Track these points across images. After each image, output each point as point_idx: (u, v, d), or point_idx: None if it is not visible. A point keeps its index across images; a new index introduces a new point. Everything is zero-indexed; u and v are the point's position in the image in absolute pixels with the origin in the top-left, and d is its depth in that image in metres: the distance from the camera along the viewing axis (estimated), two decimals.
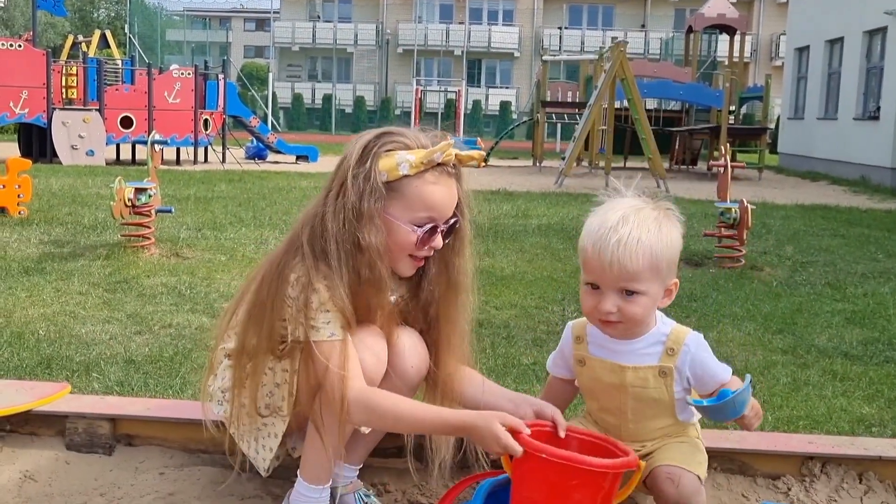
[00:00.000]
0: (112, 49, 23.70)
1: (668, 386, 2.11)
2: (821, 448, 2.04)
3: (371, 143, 2.12)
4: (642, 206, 2.10)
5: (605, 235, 2.02)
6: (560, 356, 2.33)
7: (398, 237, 2.13)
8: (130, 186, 6.41)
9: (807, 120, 23.62)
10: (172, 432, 2.47)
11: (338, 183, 2.12)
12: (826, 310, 5.51)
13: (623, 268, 2.00)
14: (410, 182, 2.10)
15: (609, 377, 2.15)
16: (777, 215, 11.02)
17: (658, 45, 45.90)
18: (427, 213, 2.13)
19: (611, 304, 2.03)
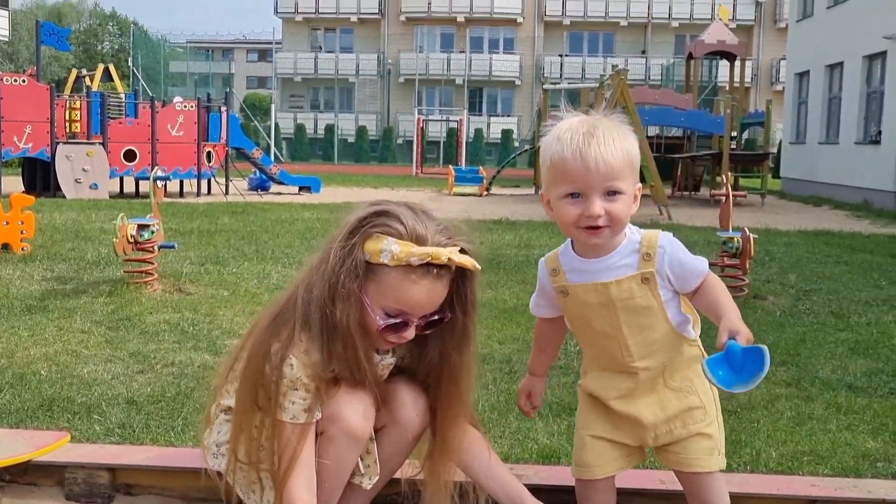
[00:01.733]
0: (115, 82, 23.86)
1: (653, 291, 2.15)
2: (824, 491, 2.04)
3: (364, 220, 2.08)
4: (598, 117, 2.16)
5: (581, 140, 2.06)
6: (541, 295, 2.36)
7: (366, 320, 2.09)
8: (133, 223, 6.43)
9: (808, 144, 23.67)
10: (172, 481, 2.46)
11: (325, 250, 2.11)
12: (830, 340, 5.48)
13: (608, 165, 2.05)
14: (390, 272, 2.04)
15: (595, 298, 2.17)
16: (780, 242, 11.01)
17: (659, 70, 46.10)
18: (397, 306, 2.08)
19: (598, 206, 2.07)
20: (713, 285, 2.17)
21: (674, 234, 2.22)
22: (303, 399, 2.09)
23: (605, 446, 2.28)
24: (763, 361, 1.92)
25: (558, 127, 2.14)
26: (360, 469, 2.25)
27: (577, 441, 2.36)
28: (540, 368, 2.52)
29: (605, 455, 2.27)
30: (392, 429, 2.30)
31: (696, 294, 2.18)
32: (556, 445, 3.38)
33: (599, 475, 2.27)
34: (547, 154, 2.13)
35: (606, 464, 2.28)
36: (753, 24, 47.74)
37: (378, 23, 49.50)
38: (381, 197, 9.01)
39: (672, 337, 2.21)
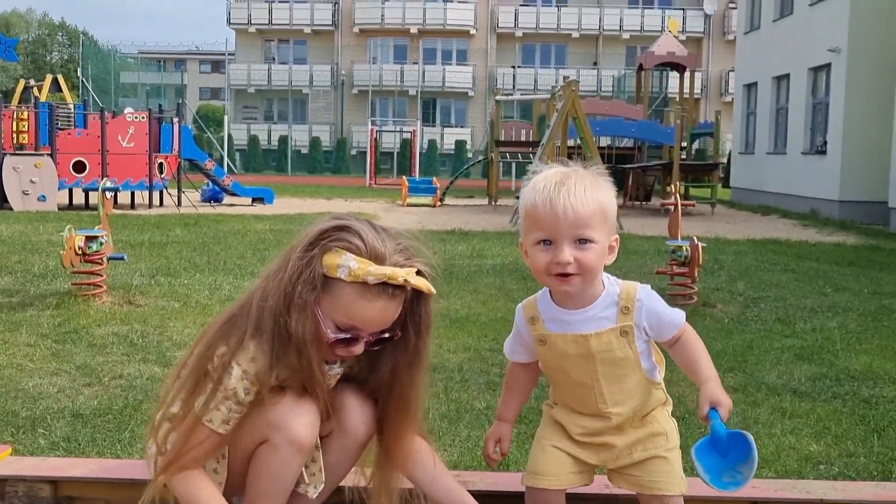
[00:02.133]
0: (64, 93, 23.55)
1: (630, 343, 2.19)
2: (764, 492, 2.08)
3: (325, 233, 2.07)
4: (575, 168, 2.19)
5: (552, 189, 2.10)
6: (517, 341, 2.36)
7: (319, 332, 2.09)
8: (81, 234, 6.35)
9: (757, 155, 24.06)
10: (116, 492, 2.43)
11: (283, 260, 2.10)
12: (776, 346, 5.58)
13: (576, 213, 2.08)
14: (345, 287, 2.04)
15: (574, 349, 2.20)
16: (729, 251, 11.18)
17: (610, 82, 46.57)
18: (349, 321, 2.08)
19: (567, 253, 2.09)
20: (692, 343, 2.22)
21: (626, 243, 2.26)
22: (228, 411, 2.09)
23: (564, 459, 2.29)
24: (749, 450, 2.00)
25: (536, 177, 2.18)
26: (305, 478, 2.24)
27: (535, 449, 2.36)
28: (510, 413, 2.45)
29: (563, 467, 2.28)
30: (338, 436, 2.29)
31: (673, 346, 2.24)
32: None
33: (555, 486, 2.27)
34: (522, 202, 2.17)
35: (563, 476, 2.28)
36: (703, 37, 48.43)
37: (332, 34, 49.42)
38: (335, 208, 8.95)
39: (644, 384, 2.26)
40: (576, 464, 2.29)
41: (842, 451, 3.54)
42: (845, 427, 3.87)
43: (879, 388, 4.59)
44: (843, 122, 18.38)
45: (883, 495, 2.51)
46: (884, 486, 2.62)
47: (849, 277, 8.95)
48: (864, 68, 18.09)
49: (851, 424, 3.92)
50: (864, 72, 18.07)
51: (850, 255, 11.29)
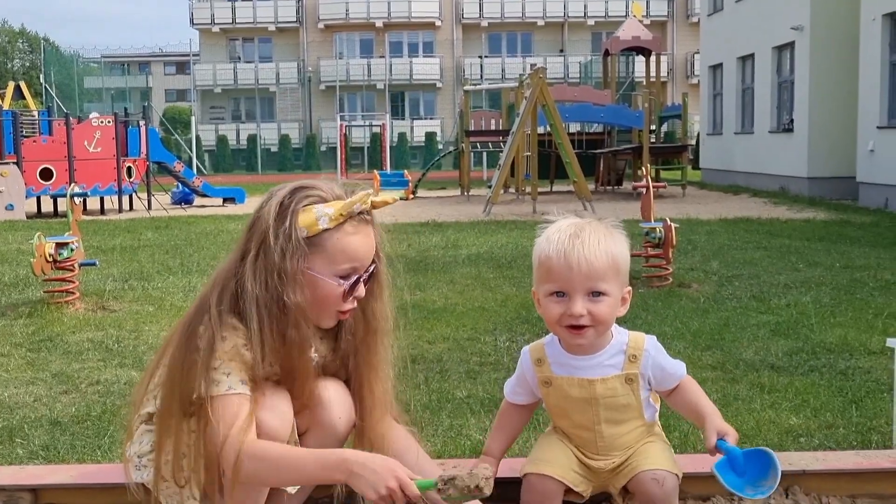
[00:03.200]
0: (28, 100, 23.29)
1: (634, 391, 2.23)
2: None
3: (287, 200, 2.10)
4: (590, 220, 2.22)
5: (566, 241, 2.12)
6: (519, 383, 2.37)
7: (323, 292, 2.11)
8: (51, 242, 6.29)
9: (725, 135, 24.21)
10: (97, 499, 2.40)
11: (256, 243, 2.09)
12: (752, 323, 5.62)
13: (590, 266, 2.10)
14: (331, 235, 2.09)
15: (578, 392, 2.23)
16: (702, 231, 11.24)
17: (577, 68, 46.65)
18: (350, 264, 2.12)
19: (580, 306, 2.12)
20: (692, 388, 2.28)
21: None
22: (239, 370, 2.05)
23: (570, 454, 2.30)
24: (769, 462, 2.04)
25: (549, 228, 2.21)
26: None
27: (541, 440, 2.40)
28: (497, 449, 2.41)
29: (568, 460, 2.29)
30: (316, 432, 2.28)
31: (671, 393, 2.29)
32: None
33: (557, 475, 2.25)
34: (536, 252, 2.20)
35: (566, 468, 2.27)
36: (667, 20, 48.59)
37: (296, 31, 49.13)
38: None
39: (644, 430, 2.31)
40: (579, 465, 2.30)
41: (821, 423, 3.57)
42: (823, 399, 3.90)
43: (855, 359, 4.64)
44: (809, 100, 18.52)
45: (864, 463, 2.54)
46: (864, 455, 2.65)
47: (820, 252, 9.02)
48: (827, 45, 18.22)
49: (829, 396, 3.95)
50: (828, 48, 18.21)
51: (821, 230, 11.40)
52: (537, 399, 2.37)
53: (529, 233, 11.65)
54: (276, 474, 2.03)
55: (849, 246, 9.63)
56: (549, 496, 2.25)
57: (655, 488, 2.18)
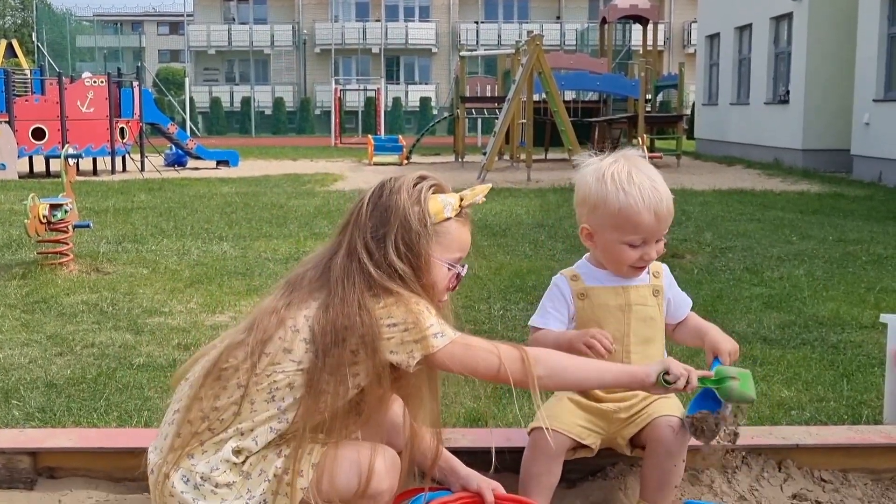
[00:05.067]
0: (20, 58, 23.09)
1: (659, 305, 2.39)
2: (741, 440, 2.12)
3: (418, 186, 2.13)
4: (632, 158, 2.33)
5: (656, 199, 2.25)
6: (554, 303, 2.41)
7: (440, 278, 2.13)
8: (45, 203, 6.27)
9: (720, 106, 24.14)
10: (97, 462, 2.41)
11: (395, 226, 2.09)
12: (745, 295, 5.65)
13: (671, 218, 2.30)
14: (451, 224, 2.13)
15: (615, 300, 2.36)
16: (696, 202, 11.25)
17: (574, 36, 46.38)
18: (459, 254, 2.16)
19: (655, 251, 2.31)
20: (697, 318, 2.49)
21: None
22: (437, 318, 2.04)
23: (577, 411, 2.35)
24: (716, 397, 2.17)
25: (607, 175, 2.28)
26: None
27: (550, 400, 2.43)
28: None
29: (575, 416, 2.34)
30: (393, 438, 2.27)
31: (680, 325, 2.46)
32: (482, 409, 3.41)
33: (563, 429, 2.29)
34: (605, 199, 2.27)
35: (573, 424, 2.32)
36: None
37: None
38: (301, 169, 8.80)
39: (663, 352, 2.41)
40: (587, 419, 2.35)
41: (812, 396, 3.60)
42: (815, 373, 3.94)
43: (847, 333, 4.67)
44: (806, 71, 18.46)
45: (856, 438, 2.56)
46: (856, 430, 2.67)
47: (814, 225, 9.05)
48: (825, 16, 18.13)
49: (821, 370, 3.99)
50: (826, 20, 18.12)
51: (815, 203, 11.42)
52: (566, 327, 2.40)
53: (524, 201, 11.70)
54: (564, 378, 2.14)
55: (842, 219, 9.65)
56: (555, 450, 2.29)
57: (670, 434, 2.25)
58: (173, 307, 5.32)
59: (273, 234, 8.49)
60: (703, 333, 2.38)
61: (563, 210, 10.46)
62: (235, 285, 6.00)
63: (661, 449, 2.26)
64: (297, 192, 12.92)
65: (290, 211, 10.39)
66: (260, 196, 12.29)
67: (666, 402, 2.34)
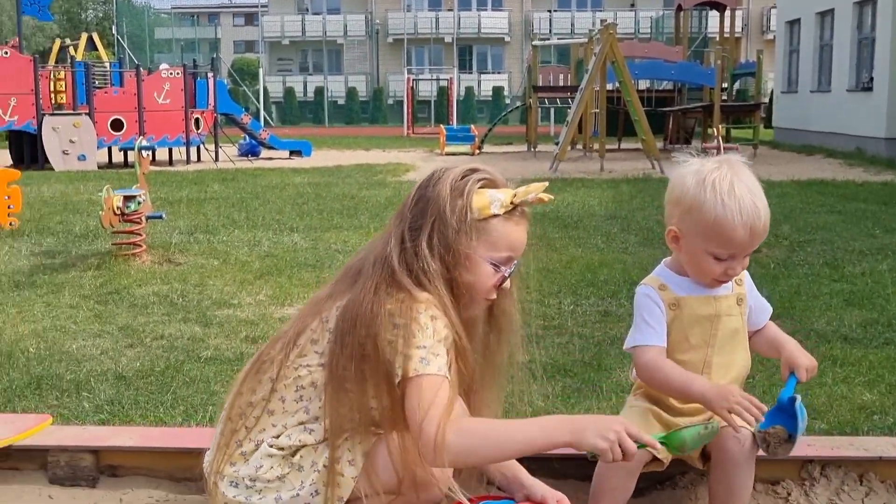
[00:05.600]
0: (100, 51, 23.58)
1: (743, 314, 2.29)
2: (820, 451, 2.01)
3: (461, 181, 2.03)
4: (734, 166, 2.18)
5: (754, 216, 2.11)
6: (654, 316, 2.27)
7: (483, 277, 2.03)
8: (119, 195, 6.36)
9: (800, 93, 23.54)
10: (158, 462, 2.41)
11: (430, 220, 2.00)
12: (825, 291, 5.45)
13: (764, 235, 2.17)
14: (500, 221, 2.02)
15: (705, 309, 2.25)
16: (773, 193, 10.93)
17: (648, 24, 45.71)
18: (508, 253, 2.04)
19: (741, 267, 2.19)
20: (775, 327, 2.36)
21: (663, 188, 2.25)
22: (446, 353, 1.94)
23: (651, 420, 2.24)
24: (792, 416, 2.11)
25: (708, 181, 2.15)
26: None
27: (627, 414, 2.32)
28: None
29: (648, 423, 2.22)
30: None
31: (758, 333, 2.34)
32: (550, 408, 3.34)
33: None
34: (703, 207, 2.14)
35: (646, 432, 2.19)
36: None
37: None
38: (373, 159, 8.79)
39: (745, 367, 2.32)
40: (661, 430, 2.21)
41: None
42: None
43: None
44: (891, 57, 17.85)
45: None
46: None
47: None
48: None
49: None
50: None
51: None
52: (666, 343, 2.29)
53: (597, 192, 11.54)
54: (487, 446, 1.92)
55: None
56: (632, 465, 2.15)
57: (735, 447, 2.14)
58: (242, 299, 5.35)
59: (344, 225, 8.50)
60: (780, 346, 2.27)
61: (636, 201, 10.29)
62: (305, 277, 6.01)
63: (726, 461, 2.16)
64: (369, 183, 12.95)
65: (362, 202, 10.41)
66: (332, 186, 12.34)
67: None
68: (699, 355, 2.26)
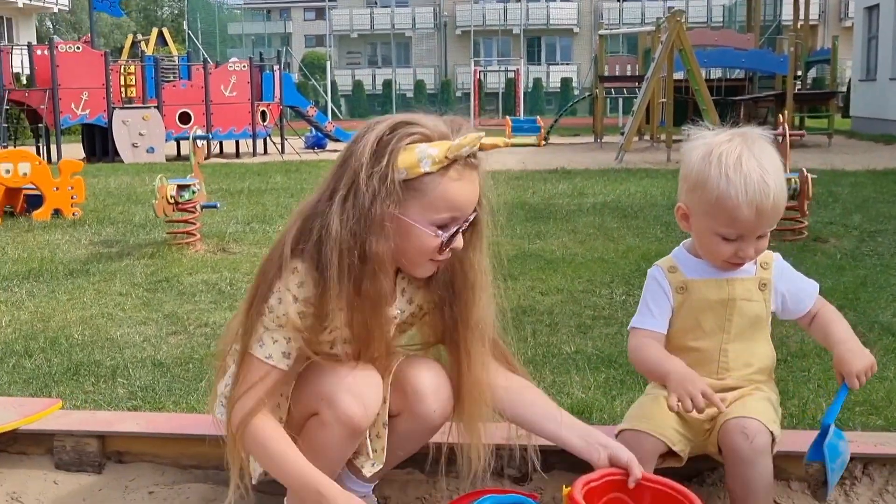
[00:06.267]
0: (169, 46, 23.95)
1: (766, 300, 2.12)
2: (862, 447, 1.83)
3: (386, 137, 1.87)
4: (749, 138, 2.04)
5: (760, 193, 1.96)
6: (657, 300, 2.16)
7: (418, 241, 1.89)
8: (172, 184, 6.39)
9: (879, 81, 22.78)
10: (164, 448, 2.35)
11: (347, 183, 1.88)
12: (893, 282, 5.20)
13: (777, 215, 2.02)
14: (433, 180, 1.85)
15: (717, 294, 2.11)
16: (846, 182, 10.58)
17: (721, 12, 44.80)
18: (450, 213, 1.89)
19: (752, 250, 2.04)
20: (828, 315, 2.15)
21: None
22: (287, 341, 1.91)
23: (673, 416, 2.09)
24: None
25: (715, 154, 2.01)
26: (369, 453, 2.06)
27: (641, 399, 2.23)
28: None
29: (669, 419, 2.09)
30: (407, 418, 2.10)
31: (812, 321, 2.16)
32: (590, 399, 3.23)
33: (655, 432, 2.06)
34: (706, 183, 2.00)
35: (666, 427, 2.08)
36: None
37: None
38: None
39: (770, 353, 2.18)
40: (678, 422, 2.10)
41: None
42: None
43: None
44: None
45: None
46: None
47: None
48: None
49: None
50: None
51: None
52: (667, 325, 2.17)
53: (661, 182, 11.29)
54: (263, 463, 1.97)
55: None
56: (645, 454, 2.04)
57: (742, 441, 1.96)
58: None
59: None
60: (832, 344, 2.08)
61: None
62: None
63: (735, 456, 1.98)
64: None
65: None
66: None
67: (747, 402, 2.06)
68: (714, 342, 2.11)
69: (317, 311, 1.90)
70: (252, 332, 1.92)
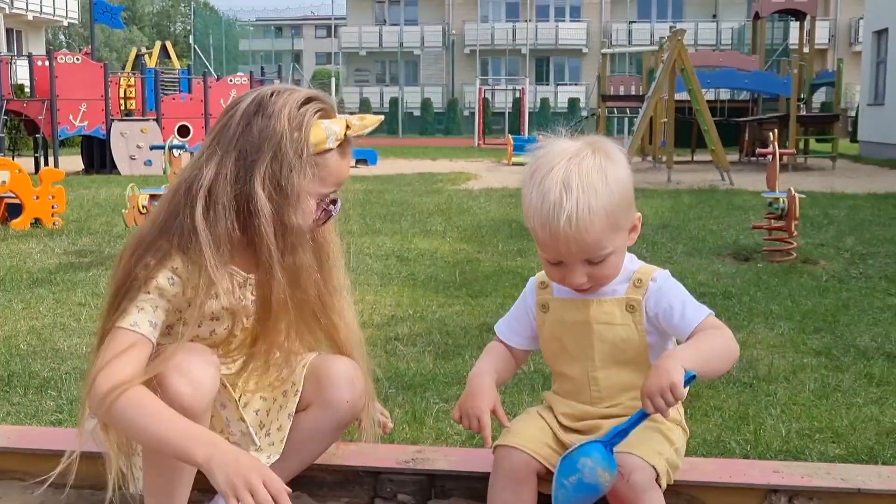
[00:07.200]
0: (172, 59, 23.96)
1: (636, 323, 1.89)
2: (787, 478, 1.65)
3: (303, 108, 1.86)
4: (578, 154, 1.80)
5: (551, 214, 1.75)
6: (517, 315, 2.05)
7: (307, 215, 1.91)
8: (144, 193, 6.27)
9: (887, 106, 22.61)
10: (36, 465, 2.17)
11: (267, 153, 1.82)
12: (876, 305, 5.03)
13: (582, 242, 1.77)
14: (332, 155, 1.90)
15: (573, 315, 1.92)
16: (843, 205, 10.40)
17: (730, 34, 44.70)
18: (335, 187, 1.95)
19: (579, 276, 1.83)
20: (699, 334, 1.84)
21: (732, 198, 1.90)
22: (154, 308, 1.81)
23: (546, 429, 1.96)
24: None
25: (536, 167, 1.83)
26: (255, 441, 1.99)
27: (519, 415, 2.08)
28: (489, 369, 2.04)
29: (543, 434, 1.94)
30: (316, 410, 2.07)
31: None
32: None
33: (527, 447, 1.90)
34: (525, 207, 1.85)
35: (538, 443, 1.92)
36: None
37: None
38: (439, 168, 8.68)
39: None
40: (556, 441, 1.95)
41: None
42: None
43: None
44: None
45: None
46: None
47: None
48: None
49: None
50: None
51: None
52: (528, 348, 2.05)
53: (655, 201, 11.12)
54: (138, 427, 1.77)
55: None
56: (519, 472, 1.89)
57: (617, 481, 1.75)
58: None
59: (383, 230, 8.29)
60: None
61: (693, 212, 9.86)
62: None
63: (612, 497, 1.78)
64: (425, 191, 12.74)
65: (409, 208, 10.19)
66: (385, 193, 12.16)
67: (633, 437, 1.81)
68: (580, 368, 1.93)
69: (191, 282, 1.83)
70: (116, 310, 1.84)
